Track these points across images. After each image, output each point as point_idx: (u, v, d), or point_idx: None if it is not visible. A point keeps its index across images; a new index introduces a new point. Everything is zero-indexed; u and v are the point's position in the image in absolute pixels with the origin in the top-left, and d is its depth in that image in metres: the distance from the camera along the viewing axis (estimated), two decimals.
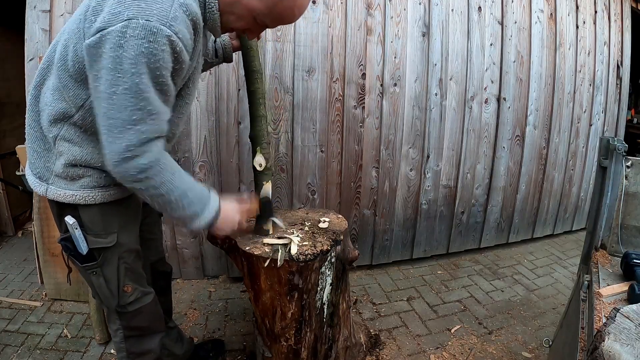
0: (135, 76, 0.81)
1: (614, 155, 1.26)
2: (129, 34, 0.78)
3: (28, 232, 3.01)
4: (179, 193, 0.96)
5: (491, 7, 2.54)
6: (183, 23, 0.84)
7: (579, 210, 3.37)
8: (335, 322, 1.45)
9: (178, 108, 1.06)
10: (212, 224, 1.06)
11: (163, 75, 0.85)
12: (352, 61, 2.25)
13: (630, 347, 0.68)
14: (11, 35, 3.03)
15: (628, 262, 1.13)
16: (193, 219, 1.02)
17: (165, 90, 0.89)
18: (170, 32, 0.81)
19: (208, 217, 1.04)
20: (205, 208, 1.03)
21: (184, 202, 0.98)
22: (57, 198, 1.02)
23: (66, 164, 1.00)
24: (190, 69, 0.99)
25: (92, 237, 1.06)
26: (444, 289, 2.38)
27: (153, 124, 0.88)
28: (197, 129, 2.12)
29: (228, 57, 1.40)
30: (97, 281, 1.12)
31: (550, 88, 2.87)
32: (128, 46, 0.78)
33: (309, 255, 1.23)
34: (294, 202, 2.33)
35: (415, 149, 2.50)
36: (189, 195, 0.99)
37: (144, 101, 0.84)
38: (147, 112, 0.85)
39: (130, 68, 0.80)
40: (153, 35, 0.79)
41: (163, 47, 0.81)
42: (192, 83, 1.07)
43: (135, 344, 1.26)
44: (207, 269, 2.38)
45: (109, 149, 0.87)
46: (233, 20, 0.98)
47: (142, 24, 0.78)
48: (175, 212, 0.99)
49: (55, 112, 0.97)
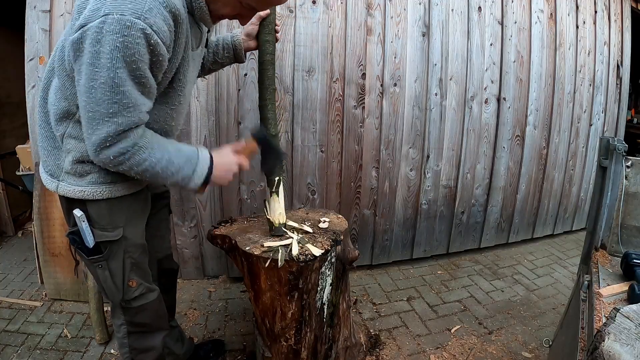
0: (110, 70, 0.83)
1: (614, 155, 1.26)
2: (105, 29, 0.80)
3: (28, 232, 3.01)
4: (164, 164, 0.99)
5: (491, 7, 2.54)
6: (159, 15, 0.85)
7: (579, 210, 3.37)
8: (335, 322, 1.45)
9: (170, 99, 1.07)
10: (208, 178, 1.07)
11: (140, 68, 0.86)
12: (352, 61, 2.25)
13: (630, 347, 0.68)
14: (11, 35, 3.04)
15: (628, 262, 1.13)
16: (187, 181, 1.04)
17: (144, 82, 0.90)
18: (144, 25, 0.82)
19: (201, 175, 1.05)
20: (195, 167, 1.04)
21: (172, 170, 1.00)
22: (67, 194, 1.06)
23: (74, 161, 1.03)
24: (176, 61, 0.99)
25: (98, 231, 1.09)
26: (444, 289, 2.38)
27: (130, 116, 0.90)
28: (197, 129, 2.12)
29: (239, 56, 1.38)
30: (102, 274, 1.14)
31: (550, 88, 2.87)
32: (105, 41, 0.81)
33: (309, 255, 1.23)
34: (294, 202, 2.33)
35: (415, 149, 2.50)
36: (175, 161, 1.01)
37: (119, 94, 0.86)
38: (123, 105, 0.87)
39: (106, 62, 0.82)
40: (127, 29, 0.81)
41: (138, 40, 0.83)
42: (184, 75, 1.06)
43: (138, 340, 1.27)
44: (207, 269, 2.38)
45: (89, 140, 0.91)
46: (220, 7, 1.00)
47: (117, 18, 0.80)
48: (167, 181, 1.03)
49: (59, 111, 1.00)
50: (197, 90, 2.08)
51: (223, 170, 1.11)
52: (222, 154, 1.13)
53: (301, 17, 2.13)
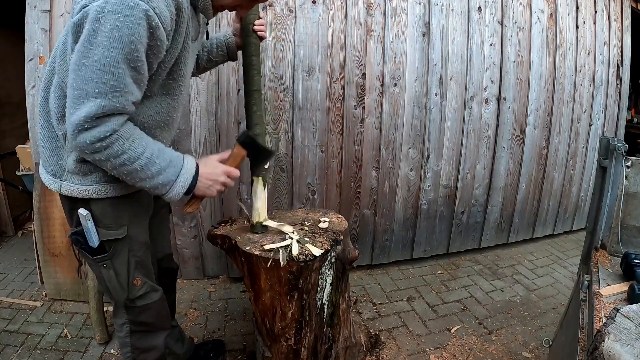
0: (106, 49, 0.82)
1: (614, 155, 1.26)
2: (107, 8, 0.80)
3: (28, 232, 3.01)
4: (145, 161, 0.93)
5: (491, 7, 2.54)
6: (163, 1, 0.86)
7: (579, 210, 3.37)
8: (335, 322, 1.45)
9: (171, 90, 1.07)
10: (191, 188, 1.03)
11: (137, 50, 0.85)
12: (352, 61, 2.25)
13: (630, 347, 0.68)
14: (11, 35, 3.03)
15: (628, 262, 1.13)
16: (167, 187, 0.99)
17: (138, 67, 0.88)
18: (147, 6, 0.82)
19: (185, 182, 1.01)
20: (179, 173, 0.99)
21: (152, 170, 0.95)
22: (71, 193, 1.04)
23: (77, 160, 1.02)
24: (176, 50, 0.99)
25: (103, 230, 1.08)
26: (444, 289, 2.38)
27: (115, 101, 0.86)
28: (197, 129, 2.12)
29: (232, 55, 1.42)
30: (107, 274, 1.13)
31: (550, 88, 2.87)
32: (105, 20, 0.81)
33: (309, 255, 1.23)
34: (294, 202, 2.33)
35: (415, 149, 2.50)
36: (157, 162, 0.95)
37: (108, 75, 0.84)
38: (110, 86, 0.85)
39: (103, 40, 0.81)
40: (130, 9, 0.81)
41: (139, 21, 0.82)
42: (184, 65, 1.05)
43: (141, 339, 1.27)
44: (207, 269, 2.38)
45: (69, 121, 0.87)
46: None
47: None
48: (146, 182, 0.96)
49: (60, 108, 0.99)
50: (197, 90, 2.08)
51: (209, 180, 1.07)
52: (207, 163, 1.09)
53: (301, 17, 2.13)
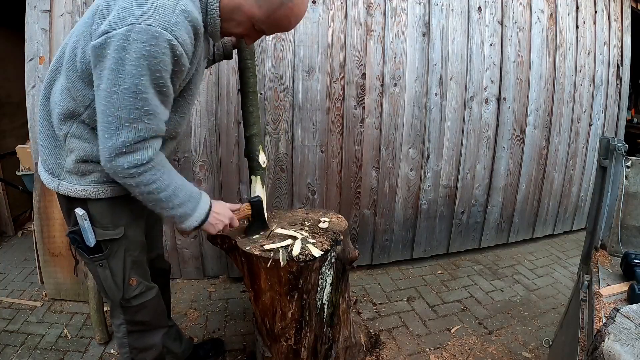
0: (135, 77, 0.85)
1: (614, 155, 1.26)
2: (132, 37, 0.83)
3: (28, 232, 3.01)
4: (170, 192, 1.00)
5: (491, 7, 2.54)
6: (184, 29, 0.88)
7: (579, 210, 3.37)
8: (335, 322, 1.45)
9: (180, 108, 1.11)
10: (202, 224, 1.11)
11: (163, 77, 0.89)
12: (352, 61, 2.25)
13: (630, 347, 0.68)
14: (11, 35, 3.03)
15: (628, 262, 1.13)
16: (184, 219, 1.07)
17: (164, 91, 0.93)
18: (171, 36, 0.85)
19: (199, 217, 1.09)
20: (196, 208, 1.08)
21: (175, 202, 1.02)
22: (69, 193, 1.06)
23: (77, 160, 1.04)
24: (191, 72, 1.03)
25: (100, 230, 1.10)
26: (444, 289, 2.38)
27: (150, 124, 0.92)
28: (197, 129, 2.12)
29: (228, 54, 1.46)
30: (103, 273, 1.15)
31: (550, 88, 2.87)
32: (131, 49, 0.83)
33: (309, 255, 1.23)
34: (294, 202, 2.33)
35: (415, 149, 2.50)
36: (180, 195, 1.03)
37: (142, 101, 0.88)
38: (144, 111, 0.90)
39: (131, 69, 0.84)
40: (154, 39, 0.84)
41: (164, 51, 0.86)
42: (194, 85, 1.11)
43: (139, 339, 1.27)
44: (207, 269, 2.37)
45: (106, 144, 0.91)
46: (233, 26, 1.03)
47: (145, 28, 0.82)
48: (166, 211, 1.03)
49: (64, 110, 1.01)
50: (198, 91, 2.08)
51: (217, 220, 1.15)
52: (219, 205, 1.18)
53: None
